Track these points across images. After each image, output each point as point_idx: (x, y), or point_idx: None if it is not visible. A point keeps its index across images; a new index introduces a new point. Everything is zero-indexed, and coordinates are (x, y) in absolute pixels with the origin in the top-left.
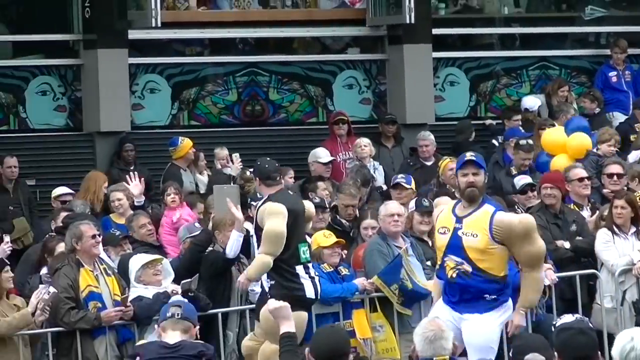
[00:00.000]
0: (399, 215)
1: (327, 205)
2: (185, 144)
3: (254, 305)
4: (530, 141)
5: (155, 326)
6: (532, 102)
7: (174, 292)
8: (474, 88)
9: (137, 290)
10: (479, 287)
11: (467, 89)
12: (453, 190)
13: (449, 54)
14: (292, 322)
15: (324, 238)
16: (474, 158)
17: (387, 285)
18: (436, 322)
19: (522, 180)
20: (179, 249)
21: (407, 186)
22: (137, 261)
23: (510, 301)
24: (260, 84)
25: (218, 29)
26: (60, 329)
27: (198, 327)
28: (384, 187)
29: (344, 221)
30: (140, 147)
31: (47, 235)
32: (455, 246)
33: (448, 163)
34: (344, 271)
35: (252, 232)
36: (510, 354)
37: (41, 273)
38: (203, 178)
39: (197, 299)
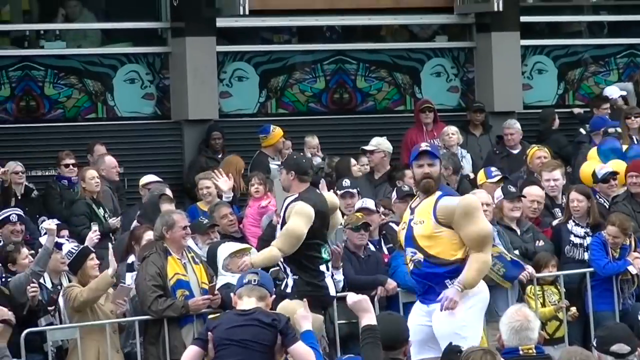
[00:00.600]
0: (487, 205)
1: (414, 193)
2: (277, 133)
3: None
4: (619, 129)
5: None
6: (614, 91)
7: None
8: (562, 76)
9: (224, 278)
10: (434, 274)
11: (555, 77)
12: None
13: (537, 41)
14: (373, 314)
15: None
16: (428, 149)
17: None
18: (523, 312)
19: (604, 169)
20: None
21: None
22: (225, 250)
23: (481, 287)
24: (348, 72)
25: (306, 16)
26: (148, 317)
27: (274, 297)
28: (472, 175)
29: None
30: (228, 135)
31: (134, 223)
32: (409, 238)
33: (536, 151)
34: None
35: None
36: (595, 344)
37: (129, 261)
38: None
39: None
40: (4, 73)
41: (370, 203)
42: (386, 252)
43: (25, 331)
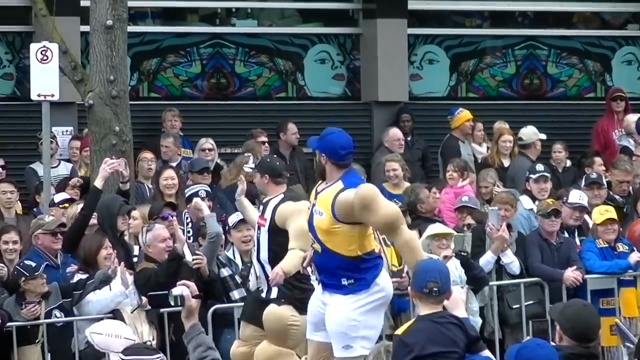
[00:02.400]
0: None
1: (604, 182)
2: (463, 115)
3: None
4: None
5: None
6: None
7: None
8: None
9: None
10: (332, 265)
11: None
12: None
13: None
14: (464, 310)
15: (598, 215)
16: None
17: None
18: None
19: None
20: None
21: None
22: (430, 230)
23: (381, 284)
24: (539, 58)
25: (498, 1)
26: None
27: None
28: None
29: (617, 197)
30: (417, 117)
31: None
32: (311, 223)
33: None
34: (621, 248)
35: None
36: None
37: None
38: (481, 149)
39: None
40: (194, 50)
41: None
42: (577, 242)
43: (214, 307)
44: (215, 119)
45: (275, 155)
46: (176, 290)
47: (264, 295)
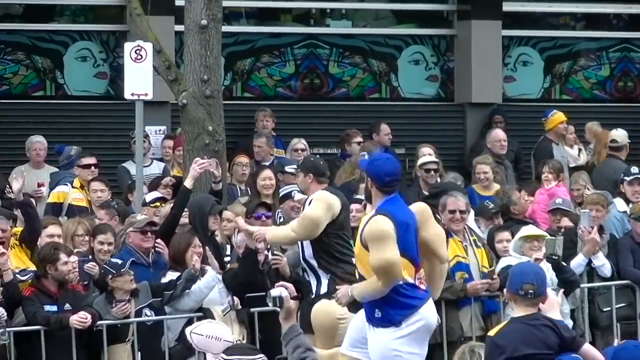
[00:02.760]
0: None
1: None
2: (557, 117)
3: None
4: None
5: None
6: None
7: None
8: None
9: (506, 260)
10: None
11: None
12: None
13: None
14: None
15: None
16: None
17: None
18: None
19: None
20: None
21: None
22: (521, 233)
23: (422, 314)
24: (633, 60)
25: (592, 3)
26: None
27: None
28: None
29: None
30: (510, 119)
31: None
32: None
33: None
34: None
35: None
36: None
37: None
38: (572, 151)
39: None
40: (288, 50)
41: None
42: None
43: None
44: (308, 119)
45: (318, 155)
46: (274, 292)
47: (313, 290)
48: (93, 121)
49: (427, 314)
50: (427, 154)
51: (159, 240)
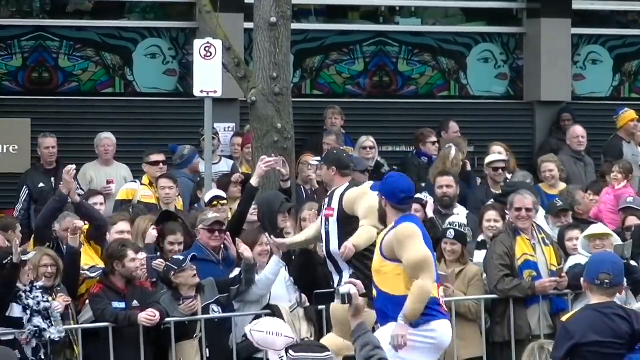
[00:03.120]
0: None
1: None
2: (627, 115)
3: None
4: None
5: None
6: None
7: None
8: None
9: (575, 258)
10: (385, 308)
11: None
12: None
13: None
14: None
15: None
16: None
17: None
18: None
19: None
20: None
21: None
22: (587, 231)
23: (437, 329)
24: None
25: None
26: (494, 296)
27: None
28: None
29: None
30: (579, 117)
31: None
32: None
33: None
34: None
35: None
36: None
37: (479, 239)
38: None
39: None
40: (358, 47)
41: None
42: None
43: None
44: (377, 117)
45: (342, 148)
46: (343, 289)
47: (334, 283)
48: (162, 118)
49: (443, 332)
50: (497, 152)
51: (227, 237)
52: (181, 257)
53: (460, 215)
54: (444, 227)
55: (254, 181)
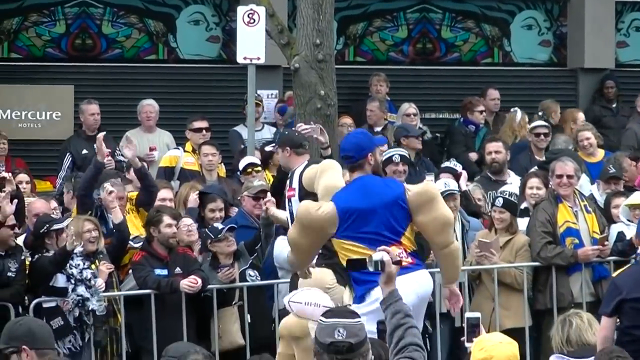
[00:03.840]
0: None
1: None
2: None
3: None
4: None
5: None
6: None
7: None
8: None
9: (616, 227)
10: None
11: None
12: None
13: None
14: None
15: None
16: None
17: None
18: None
19: None
20: None
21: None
22: (628, 200)
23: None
24: None
25: None
26: (537, 263)
27: None
28: None
29: None
30: (622, 85)
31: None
32: None
33: None
34: None
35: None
36: None
37: None
38: None
39: None
40: (401, 14)
41: None
42: None
43: None
44: (420, 84)
45: (293, 128)
46: (376, 256)
47: None
48: (205, 85)
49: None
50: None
51: (268, 203)
52: (220, 226)
53: (513, 184)
54: (495, 195)
55: None
